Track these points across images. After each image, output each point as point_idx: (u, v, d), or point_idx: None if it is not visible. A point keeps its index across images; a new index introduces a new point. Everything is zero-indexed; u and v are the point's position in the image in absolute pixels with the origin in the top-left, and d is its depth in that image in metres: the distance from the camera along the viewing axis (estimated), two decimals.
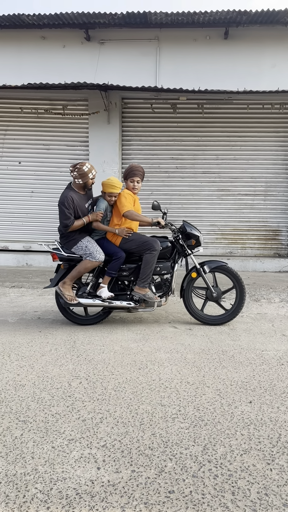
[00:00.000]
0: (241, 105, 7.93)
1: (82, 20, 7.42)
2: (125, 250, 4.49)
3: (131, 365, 3.60)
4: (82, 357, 3.77)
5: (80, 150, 8.40)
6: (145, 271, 4.42)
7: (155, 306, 4.57)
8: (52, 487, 2.06)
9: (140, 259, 4.54)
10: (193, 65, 7.86)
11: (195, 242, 4.65)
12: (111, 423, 2.66)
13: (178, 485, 2.08)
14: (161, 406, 2.88)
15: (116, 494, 2.01)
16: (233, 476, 2.15)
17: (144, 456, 2.32)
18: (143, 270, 4.43)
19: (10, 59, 8.02)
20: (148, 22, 7.47)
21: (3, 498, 1.98)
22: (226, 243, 8.56)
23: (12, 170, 8.47)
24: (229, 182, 8.37)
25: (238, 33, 7.70)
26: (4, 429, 2.58)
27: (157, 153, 8.36)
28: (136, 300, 4.54)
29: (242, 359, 3.77)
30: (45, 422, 2.66)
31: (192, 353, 3.89)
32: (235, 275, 4.62)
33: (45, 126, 8.37)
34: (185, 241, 4.65)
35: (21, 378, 3.32)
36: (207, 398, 3.01)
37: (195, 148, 8.31)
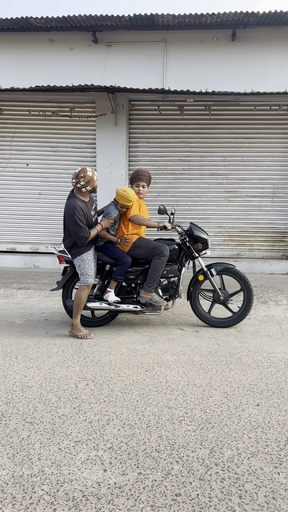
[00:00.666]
0: (249, 106, 7.91)
1: (89, 22, 7.44)
2: (134, 256, 4.47)
3: (138, 367, 3.60)
4: (89, 359, 3.77)
5: (87, 152, 8.43)
6: (153, 276, 4.40)
7: (162, 309, 4.56)
8: (59, 489, 2.06)
9: (147, 262, 4.52)
10: (200, 67, 7.85)
11: (202, 246, 4.59)
12: (117, 425, 2.66)
13: (185, 488, 2.07)
14: (168, 409, 2.87)
15: (122, 497, 2.01)
16: (240, 480, 2.13)
17: (150, 458, 2.31)
18: (150, 274, 4.41)
19: (18, 61, 8.07)
20: (155, 24, 7.48)
21: (10, 499, 1.99)
22: (233, 245, 8.53)
23: (19, 172, 8.51)
24: (237, 184, 8.34)
25: (246, 34, 7.68)
26: (11, 430, 2.59)
27: (164, 155, 8.35)
28: (142, 304, 4.52)
29: (250, 361, 3.75)
30: (52, 424, 2.67)
31: (199, 355, 3.87)
32: (243, 278, 4.59)
33: (53, 128, 8.41)
34: (192, 244, 4.61)
35: (28, 379, 3.33)
36: (214, 401, 3.00)
37: (202, 150, 8.30)
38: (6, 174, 8.58)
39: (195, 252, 4.61)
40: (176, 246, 4.62)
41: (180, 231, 4.64)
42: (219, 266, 4.66)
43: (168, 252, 4.43)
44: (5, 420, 2.70)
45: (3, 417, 2.74)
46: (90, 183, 4.14)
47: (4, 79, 7.81)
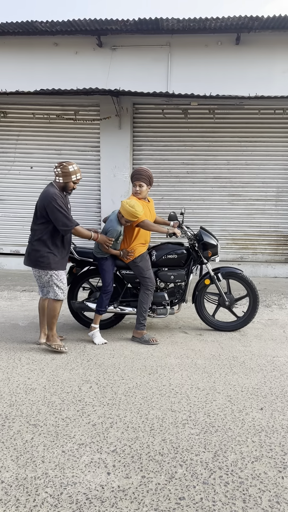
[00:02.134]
0: (253, 110, 7.91)
1: (94, 26, 7.47)
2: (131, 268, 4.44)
3: (141, 370, 3.60)
4: (92, 362, 3.77)
5: (91, 155, 8.44)
6: (140, 311, 4.35)
7: (167, 313, 4.54)
8: (62, 492, 2.06)
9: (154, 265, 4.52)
10: (205, 71, 7.86)
11: (211, 254, 4.51)
12: (121, 428, 2.66)
13: (189, 492, 2.06)
14: (171, 412, 2.87)
15: (126, 500, 2.00)
16: (244, 484, 2.13)
17: (154, 462, 2.31)
18: (138, 309, 4.36)
19: (24, 65, 8.10)
20: (160, 28, 7.50)
21: (13, 501, 1.99)
22: (237, 249, 8.52)
23: (24, 175, 8.54)
24: (240, 187, 8.33)
25: (250, 38, 7.69)
26: (14, 433, 2.59)
27: (168, 158, 8.36)
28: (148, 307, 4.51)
29: (253, 365, 3.75)
30: (55, 426, 2.67)
31: (203, 359, 3.87)
32: (249, 284, 4.56)
33: (57, 131, 8.43)
34: (201, 249, 4.52)
35: (31, 381, 3.34)
36: (218, 404, 2.99)
37: (206, 154, 8.30)
38: (10, 176, 8.61)
39: (204, 258, 4.54)
40: (184, 251, 4.56)
41: (190, 235, 4.56)
42: (226, 271, 4.63)
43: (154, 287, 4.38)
44: (8, 422, 2.71)
45: (7, 419, 2.74)
46: (65, 177, 3.81)
47: (9, 82, 7.84)
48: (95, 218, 8.46)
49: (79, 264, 4.54)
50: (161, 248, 4.60)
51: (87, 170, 8.46)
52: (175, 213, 4.43)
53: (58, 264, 3.93)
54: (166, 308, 4.54)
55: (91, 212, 8.47)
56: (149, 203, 4.48)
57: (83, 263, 4.50)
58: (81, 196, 8.44)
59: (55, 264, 3.90)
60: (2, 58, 8.15)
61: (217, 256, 4.57)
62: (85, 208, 8.47)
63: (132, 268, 4.37)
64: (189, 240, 4.57)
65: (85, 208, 8.47)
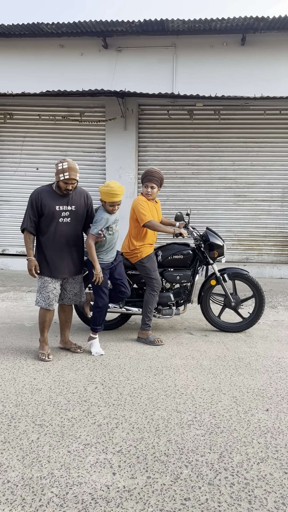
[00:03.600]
0: (258, 111, 7.89)
1: (100, 28, 7.49)
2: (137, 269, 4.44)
3: (147, 370, 3.60)
4: (98, 362, 3.78)
5: (97, 156, 8.47)
6: (145, 311, 4.35)
7: (173, 314, 4.54)
8: (68, 492, 2.07)
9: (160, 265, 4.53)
10: (210, 72, 7.86)
11: (217, 254, 4.50)
12: (126, 428, 2.66)
13: (194, 493, 2.06)
14: (176, 413, 2.87)
15: (131, 500, 2.01)
16: (249, 485, 2.12)
17: (159, 462, 2.31)
18: (144, 310, 4.36)
19: (29, 67, 8.14)
20: (165, 30, 7.51)
21: (19, 501, 2.00)
22: (242, 249, 8.50)
23: (30, 176, 8.57)
24: (246, 188, 8.32)
25: (255, 39, 7.68)
26: (20, 433, 2.60)
27: (173, 159, 8.36)
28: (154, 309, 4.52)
29: (259, 366, 3.74)
30: (61, 426, 2.68)
31: (208, 360, 3.86)
32: (255, 285, 4.55)
33: (63, 132, 8.46)
34: (207, 250, 4.52)
35: (37, 382, 3.35)
36: (223, 405, 2.99)
37: (212, 154, 8.29)
38: (16, 178, 8.65)
39: (210, 259, 4.54)
40: (190, 251, 4.56)
41: (196, 236, 4.56)
42: (232, 271, 4.63)
43: (160, 288, 4.38)
44: (14, 422, 2.72)
45: (13, 419, 2.76)
46: (56, 174, 3.59)
47: (16, 84, 7.88)
48: None
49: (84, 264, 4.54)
50: (167, 248, 4.61)
51: (92, 171, 8.49)
52: (182, 214, 4.42)
53: (45, 269, 3.73)
54: (171, 308, 4.54)
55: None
56: (156, 204, 4.49)
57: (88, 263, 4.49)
58: None
59: (42, 268, 3.74)
60: (9, 59, 8.20)
61: (223, 256, 4.57)
62: None
63: (138, 269, 4.38)
64: (195, 240, 4.57)
65: None
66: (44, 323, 3.86)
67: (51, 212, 3.64)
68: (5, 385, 3.28)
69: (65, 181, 3.56)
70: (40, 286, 3.80)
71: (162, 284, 4.57)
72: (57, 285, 3.81)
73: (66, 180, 3.56)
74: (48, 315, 3.83)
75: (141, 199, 4.31)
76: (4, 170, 8.69)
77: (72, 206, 3.76)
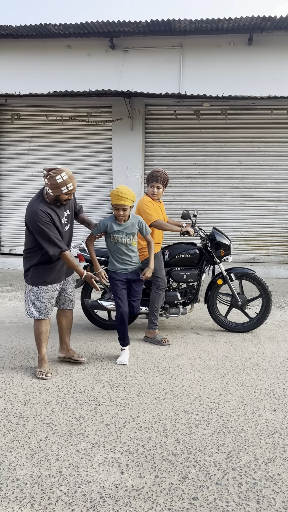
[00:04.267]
0: (265, 110, 7.87)
1: (107, 28, 7.51)
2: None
3: (154, 370, 3.60)
4: (105, 362, 3.79)
5: (103, 156, 8.49)
6: (152, 310, 4.36)
7: (180, 313, 4.55)
8: (77, 490, 2.08)
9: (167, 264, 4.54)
10: (217, 72, 7.86)
11: (224, 253, 4.52)
12: (134, 428, 2.67)
13: (202, 492, 2.07)
14: (184, 412, 2.88)
15: (139, 499, 2.01)
16: (257, 485, 2.12)
17: (167, 462, 2.32)
18: (150, 309, 4.36)
19: (37, 68, 8.18)
20: (172, 30, 7.51)
21: (28, 499, 2.01)
22: (249, 249, 8.48)
23: (37, 177, 8.61)
24: (253, 188, 8.30)
25: (262, 39, 7.66)
26: (29, 431, 2.62)
27: (180, 159, 8.37)
28: (161, 307, 4.53)
29: (266, 366, 3.73)
30: (69, 425, 2.69)
31: (215, 360, 3.86)
32: (262, 284, 4.54)
33: (70, 133, 8.49)
34: (214, 250, 4.54)
35: (45, 381, 3.37)
36: (231, 405, 2.99)
37: (218, 154, 8.29)
38: (23, 178, 8.70)
39: (217, 258, 4.55)
40: (197, 250, 4.59)
41: (202, 235, 4.57)
42: (239, 271, 4.63)
43: (166, 286, 4.39)
44: (23, 421, 2.74)
45: (21, 418, 2.78)
46: (53, 189, 3.17)
47: (23, 85, 7.92)
48: None
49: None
50: (174, 248, 4.64)
51: (99, 171, 8.52)
52: (188, 212, 4.44)
53: (42, 279, 3.40)
54: (178, 307, 4.55)
55: (103, 213, 8.51)
56: (160, 204, 4.53)
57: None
58: (93, 197, 8.50)
59: (37, 279, 3.39)
60: (16, 61, 8.25)
61: (229, 256, 4.58)
62: (97, 209, 8.52)
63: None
64: (202, 240, 4.58)
65: (97, 210, 8.51)
66: (41, 336, 3.48)
67: (56, 227, 3.29)
68: (13, 384, 3.31)
69: (69, 192, 3.23)
70: (34, 296, 3.42)
71: (169, 283, 4.60)
72: (55, 294, 3.50)
73: (69, 192, 3.23)
74: (45, 325, 3.48)
75: (146, 199, 4.35)
76: (12, 170, 8.74)
77: (67, 211, 3.45)
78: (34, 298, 3.41)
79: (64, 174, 3.15)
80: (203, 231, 4.61)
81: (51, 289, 3.45)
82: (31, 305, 3.44)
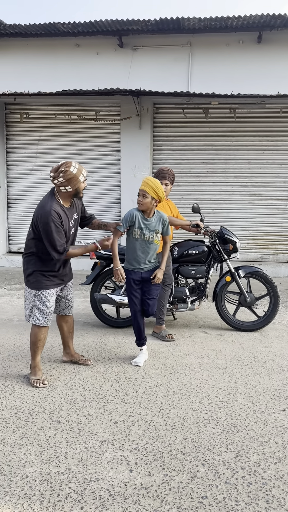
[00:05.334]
0: (274, 109, 7.82)
1: (115, 27, 7.50)
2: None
3: (162, 369, 3.60)
4: (113, 360, 3.80)
5: (111, 155, 8.49)
6: (159, 306, 4.37)
7: (188, 308, 4.58)
8: (86, 487, 2.08)
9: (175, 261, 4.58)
10: (226, 70, 7.81)
11: (232, 247, 4.59)
12: (142, 426, 2.67)
13: (211, 491, 2.06)
14: (192, 411, 2.87)
15: (148, 497, 2.01)
16: (267, 484, 2.12)
17: (176, 460, 2.31)
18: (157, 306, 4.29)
19: (46, 66, 8.19)
20: (181, 28, 7.48)
21: (38, 496, 2.02)
22: (257, 249, 8.44)
23: (45, 175, 8.62)
24: (261, 187, 8.25)
25: (272, 37, 7.61)
26: (38, 428, 2.63)
27: (188, 158, 8.34)
28: (170, 302, 4.56)
29: (275, 366, 3.71)
30: (77, 423, 2.70)
31: (224, 359, 3.85)
32: (270, 282, 4.55)
33: (78, 131, 8.50)
34: (222, 246, 4.61)
35: (53, 379, 3.38)
36: (239, 405, 2.98)
37: (227, 153, 8.25)
38: (32, 177, 8.73)
39: (224, 254, 4.60)
40: (205, 248, 4.65)
41: (210, 233, 4.65)
42: (247, 269, 4.65)
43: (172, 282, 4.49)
44: (32, 418, 2.75)
45: (30, 415, 2.79)
46: (72, 182, 3.11)
47: (32, 84, 7.93)
48: (115, 218, 8.51)
49: (104, 258, 4.58)
50: (183, 245, 4.73)
51: (107, 170, 8.52)
52: (198, 205, 4.51)
53: (47, 283, 3.28)
54: (187, 302, 4.57)
55: (111, 212, 8.52)
56: (168, 201, 4.64)
57: (108, 258, 4.51)
58: (101, 196, 8.50)
59: (42, 283, 3.26)
60: (25, 59, 8.27)
61: (237, 253, 4.64)
62: (105, 208, 8.52)
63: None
64: (210, 238, 4.65)
65: (105, 208, 8.52)
66: (38, 344, 3.33)
67: (64, 231, 3.23)
68: (23, 381, 3.32)
69: (85, 179, 3.20)
70: (40, 301, 3.27)
71: (177, 279, 4.70)
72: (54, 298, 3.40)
73: (86, 178, 3.21)
74: (44, 332, 3.34)
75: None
76: (20, 169, 8.77)
77: (75, 214, 3.37)
78: (40, 303, 3.26)
79: (73, 163, 3.13)
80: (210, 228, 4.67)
81: (54, 293, 3.34)
82: (36, 310, 3.27)
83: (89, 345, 4.18)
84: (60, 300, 3.53)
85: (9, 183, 8.86)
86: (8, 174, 8.84)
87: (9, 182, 8.86)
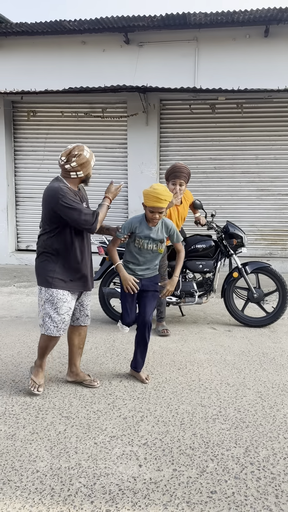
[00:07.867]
0: (282, 103, 7.76)
1: (121, 23, 7.49)
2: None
3: (170, 365, 3.61)
4: (122, 356, 3.82)
5: (118, 152, 8.49)
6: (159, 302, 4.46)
7: (195, 302, 4.62)
8: (96, 482, 2.10)
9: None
10: (232, 65, 7.77)
11: (237, 242, 4.61)
12: (151, 421, 2.69)
13: (220, 486, 2.07)
14: (201, 407, 2.88)
15: (158, 492, 2.03)
16: (276, 479, 2.12)
17: (185, 455, 2.33)
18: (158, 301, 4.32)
19: (52, 64, 8.21)
20: (187, 23, 7.44)
21: (48, 490, 2.05)
22: (265, 244, 8.40)
23: (53, 173, 8.65)
24: (269, 182, 8.21)
25: (279, 30, 7.55)
26: (48, 424, 2.66)
27: (195, 154, 8.31)
28: (177, 296, 4.60)
29: (284, 361, 3.71)
30: (87, 419, 2.72)
31: (232, 355, 3.85)
32: (278, 278, 4.54)
33: (85, 129, 8.51)
34: (228, 241, 4.64)
35: (63, 375, 3.40)
36: (248, 400, 2.98)
37: (234, 148, 8.21)
38: (40, 174, 8.76)
39: (231, 249, 4.62)
40: (212, 242, 4.68)
41: (216, 228, 4.68)
42: (255, 265, 4.65)
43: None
44: (42, 414, 2.78)
45: (40, 411, 2.81)
46: (84, 168, 2.96)
47: (39, 81, 7.95)
48: (123, 215, 8.52)
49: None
50: (190, 239, 4.74)
51: (114, 167, 8.52)
52: (200, 202, 4.59)
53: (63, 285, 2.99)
54: (194, 296, 4.59)
55: (118, 209, 8.53)
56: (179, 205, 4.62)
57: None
58: None
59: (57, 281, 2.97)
60: (32, 57, 8.29)
61: (244, 247, 4.67)
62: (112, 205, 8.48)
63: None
64: (217, 233, 4.69)
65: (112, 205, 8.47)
66: (47, 349, 3.09)
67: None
68: None
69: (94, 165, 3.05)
70: (51, 307, 2.97)
71: (185, 273, 4.74)
72: (73, 303, 3.07)
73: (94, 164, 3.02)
74: (54, 340, 3.05)
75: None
76: (28, 167, 8.81)
77: (83, 203, 3.11)
78: (51, 310, 2.95)
79: (85, 147, 2.98)
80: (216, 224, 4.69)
81: (68, 298, 2.99)
82: (47, 319, 2.96)
83: (98, 342, 4.20)
84: (74, 308, 3.14)
85: (17, 181, 8.90)
86: (16, 172, 8.88)
87: (17, 180, 8.90)
